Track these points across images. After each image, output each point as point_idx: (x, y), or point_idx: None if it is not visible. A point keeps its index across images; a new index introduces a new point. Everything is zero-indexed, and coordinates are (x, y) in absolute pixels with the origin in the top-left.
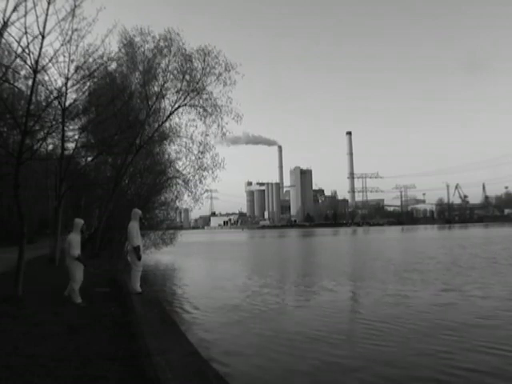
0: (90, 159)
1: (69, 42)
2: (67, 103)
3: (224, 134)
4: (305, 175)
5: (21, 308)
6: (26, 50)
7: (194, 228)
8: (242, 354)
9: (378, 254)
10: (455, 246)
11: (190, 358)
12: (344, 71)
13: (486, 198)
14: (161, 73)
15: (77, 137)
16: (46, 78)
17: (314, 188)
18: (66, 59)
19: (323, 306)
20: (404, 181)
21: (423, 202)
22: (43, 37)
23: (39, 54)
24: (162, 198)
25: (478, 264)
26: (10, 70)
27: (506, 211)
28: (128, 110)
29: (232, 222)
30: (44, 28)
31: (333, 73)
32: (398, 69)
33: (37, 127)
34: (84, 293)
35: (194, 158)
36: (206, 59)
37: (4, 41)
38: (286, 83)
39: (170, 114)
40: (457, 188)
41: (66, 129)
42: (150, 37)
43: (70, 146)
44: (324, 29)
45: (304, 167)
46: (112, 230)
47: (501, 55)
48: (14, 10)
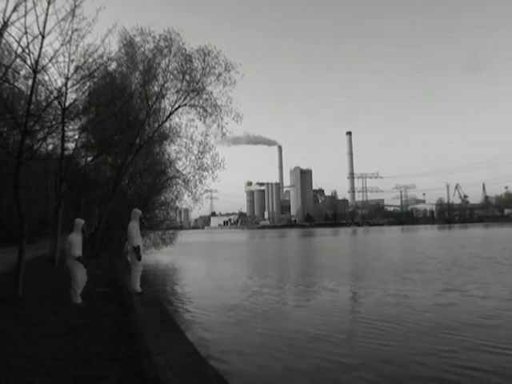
0: (90, 159)
1: (69, 42)
2: (67, 103)
3: (224, 134)
4: (305, 175)
5: (21, 308)
6: (26, 50)
7: (193, 228)
8: (242, 353)
9: (378, 254)
10: (455, 245)
11: (190, 357)
12: (344, 71)
13: (486, 198)
14: (161, 73)
15: (77, 137)
16: (46, 77)
17: (314, 188)
18: (66, 59)
19: (324, 305)
20: (404, 181)
21: (423, 202)
22: (43, 37)
23: (39, 54)
24: (162, 198)
25: (479, 264)
26: (10, 70)
27: (506, 211)
28: (128, 110)
29: (232, 222)
30: (44, 28)
31: (333, 73)
32: (398, 69)
33: (37, 127)
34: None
35: (194, 158)
36: (206, 59)
37: (4, 41)
38: (285, 83)
39: (170, 114)
40: (457, 188)
41: (66, 129)
42: (151, 37)
43: (70, 146)
44: (324, 29)
45: (304, 167)
46: (112, 229)
47: (501, 55)
48: (14, 9)
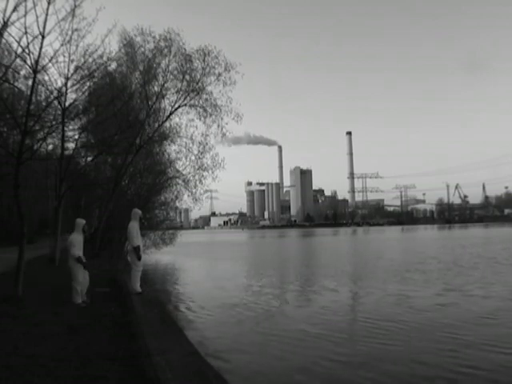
0: (90, 159)
1: (69, 42)
2: (67, 103)
3: (224, 134)
4: (305, 175)
5: (21, 308)
6: (26, 50)
7: (193, 228)
8: (242, 353)
9: (379, 253)
10: (455, 245)
11: (190, 357)
12: (344, 71)
13: (486, 198)
14: (161, 73)
15: (77, 137)
16: (46, 77)
17: (314, 188)
18: (66, 59)
19: (324, 305)
20: (404, 181)
21: (423, 202)
22: (43, 37)
23: (39, 54)
24: (162, 198)
25: (479, 264)
26: (10, 70)
27: (506, 211)
28: (128, 110)
29: (232, 222)
30: (44, 28)
31: (333, 73)
32: (398, 69)
33: (37, 127)
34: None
35: (193, 158)
36: (206, 59)
37: (4, 41)
38: (286, 83)
39: (170, 114)
40: (457, 188)
41: (65, 129)
42: (151, 37)
43: (70, 146)
44: (324, 29)
45: (304, 167)
46: (112, 229)
47: (501, 55)
48: (14, 9)
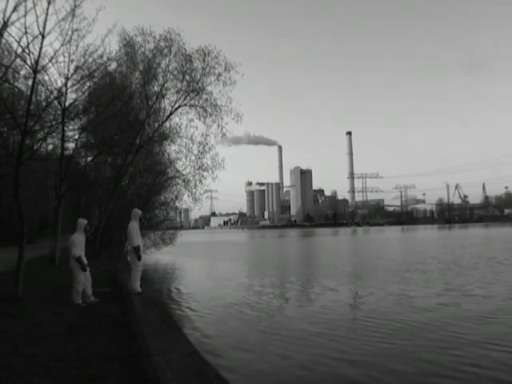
0: (90, 159)
1: (69, 42)
2: (67, 103)
3: (224, 134)
4: (305, 175)
5: (21, 308)
6: (26, 50)
7: (193, 228)
8: (242, 353)
9: (379, 253)
10: (456, 245)
11: (190, 357)
12: (344, 71)
13: (486, 198)
14: (161, 73)
15: (77, 137)
16: (46, 77)
17: (314, 188)
18: (66, 59)
19: (325, 304)
20: (404, 181)
21: (423, 202)
22: (43, 37)
23: (39, 54)
24: (162, 198)
25: (479, 264)
26: (10, 70)
27: (506, 211)
28: (128, 110)
29: (232, 222)
30: (44, 28)
31: (333, 73)
32: (398, 69)
33: (37, 127)
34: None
35: (194, 158)
36: (206, 59)
37: (4, 41)
38: (285, 83)
39: (170, 114)
40: (457, 188)
41: (65, 129)
42: (151, 37)
43: (70, 146)
44: (324, 29)
45: (304, 167)
46: (112, 229)
47: (501, 55)
48: (14, 9)
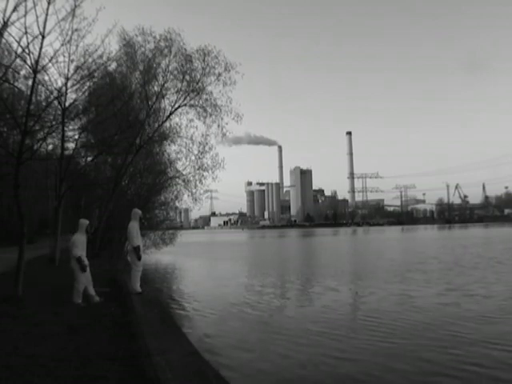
0: (90, 159)
1: (69, 42)
2: (67, 103)
3: (224, 134)
4: (305, 175)
5: (21, 308)
6: (26, 50)
7: (193, 228)
8: (243, 353)
9: (379, 253)
10: (456, 245)
11: (190, 357)
12: (344, 71)
13: (486, 198)
14: (161, 73)
15: (77, 137)
16: (46, 77)
17: (314, 188)
18: (66, 59)
19: (326, 304)
20: (404, 181)
21: (423, 202)
22: (43, 37)
23: (39, 54)
24: (162, 198)
25: (480, 264)
26: (10, 70)
27: (506, 211)
28: (128, 110)
29: (232, 222)
30: (44, 28)
31: (333, 73)
32: (398, 69)
33: (37, 127)
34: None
35: (194, 158)
36: (206, 59)
37: (4, 41)
38: (285, 83)
39: (170, 114)
40: (457, 188)
41: (65, 129)
42: (151, 37)
43: (70, 146)
44: (324, 29)
45: (304, 167)
46: (112, 229)
47: (501, 55)
48: (14, 9)
